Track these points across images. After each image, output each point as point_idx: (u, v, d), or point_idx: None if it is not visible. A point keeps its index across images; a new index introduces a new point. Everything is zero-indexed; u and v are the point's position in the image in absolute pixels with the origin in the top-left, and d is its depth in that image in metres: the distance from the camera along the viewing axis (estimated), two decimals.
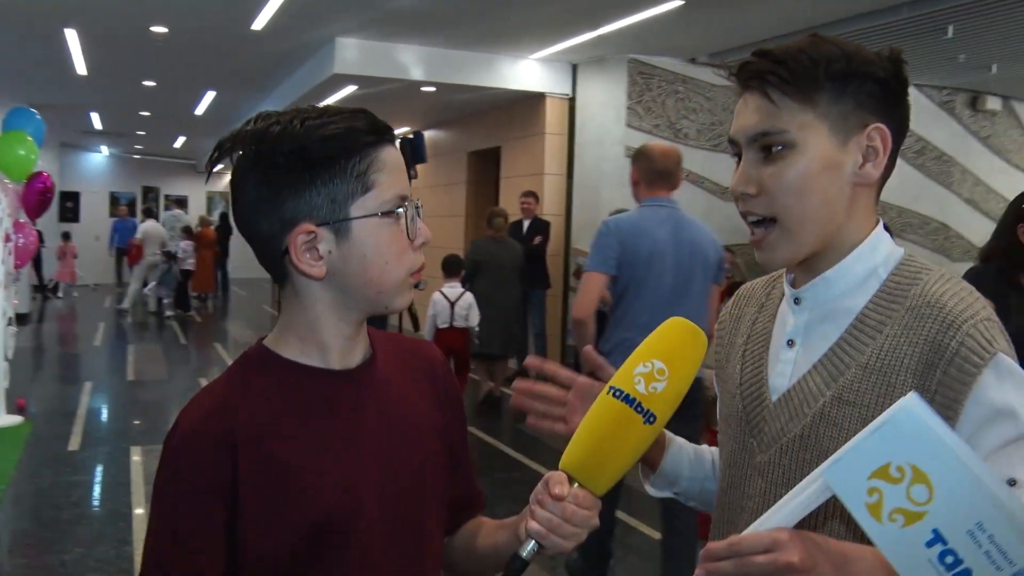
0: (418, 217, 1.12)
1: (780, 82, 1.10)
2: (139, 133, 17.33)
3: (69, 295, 17.03)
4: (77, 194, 20.60)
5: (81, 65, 9.95)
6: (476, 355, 7.45)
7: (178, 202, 17.65)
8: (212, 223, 17.46)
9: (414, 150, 6.44)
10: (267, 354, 1.13)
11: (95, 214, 20.64)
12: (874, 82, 1.11)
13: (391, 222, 1.08)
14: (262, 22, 7.77)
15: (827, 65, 1.10)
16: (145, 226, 14.38)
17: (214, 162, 1.14)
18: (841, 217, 1.14)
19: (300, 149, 1.04)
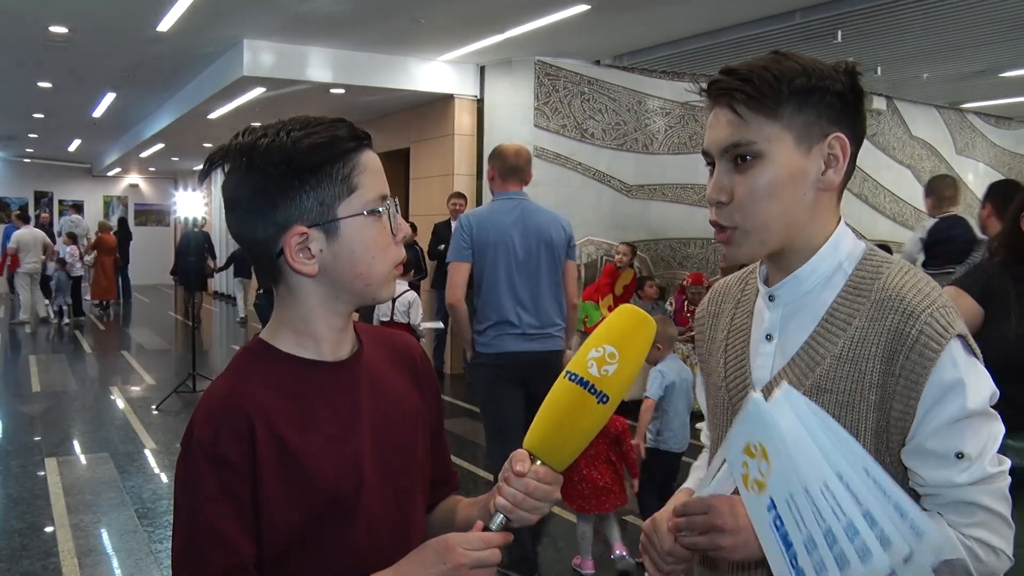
0: (397, 214, 1.23)
1: (747, 98, 1.19)
2: (31, 136, 16.71)
3: None
4: None
5: None
6: None
7: (74, 207, 17.08)
8: (111, 228, 16.99)
9: None
10: (266, 348, 1.23)
11: None
12: (833, 95, 1.20)
13: (375, 220, 1.19)
14: (168, 23, 7.66)
15: (790, 80, 1.19)
16: (20, 233, 13.51)
17: (206, 174, 1.25)
18: (804, 219, 1.24)
19: (288, 159, 1.14)
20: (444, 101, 9.75)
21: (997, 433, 1.18)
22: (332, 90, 9.45)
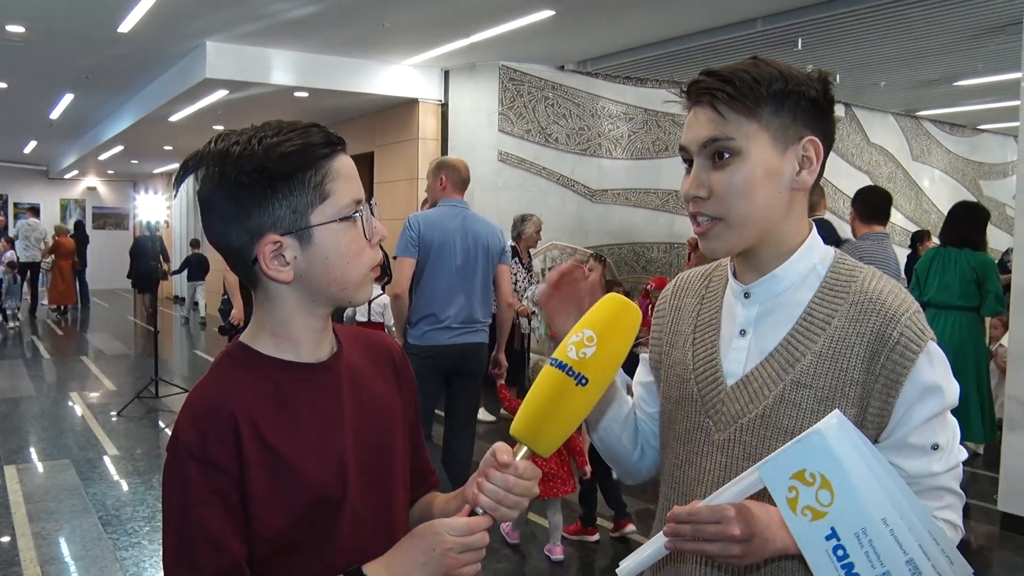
0: (372, 216, 1.25)
1: (728, 97, 1.24)
2: None
3: None
4: None
5: None
6: None
7: (31, 210, 16.78)
8: (68, 232, 16.73)
9: None
10: (246, 351, 1.24)
11: None
12: (807, 100, 1.25)
13: (349, 225, 1.20)
14: (129, 24, 7.59)
15: (768, 84, 1.24)
16: None
17: (180, 180, 1.26)
18: (779, 217, 1.28)
19: (261, 167, 1.15)
20: (408, 105, 9.75)
21: (956, 424, 1.28)
22: (296, 93, 9.41)
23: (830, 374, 1.25)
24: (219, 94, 9.43)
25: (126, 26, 7.63)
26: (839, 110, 11.43)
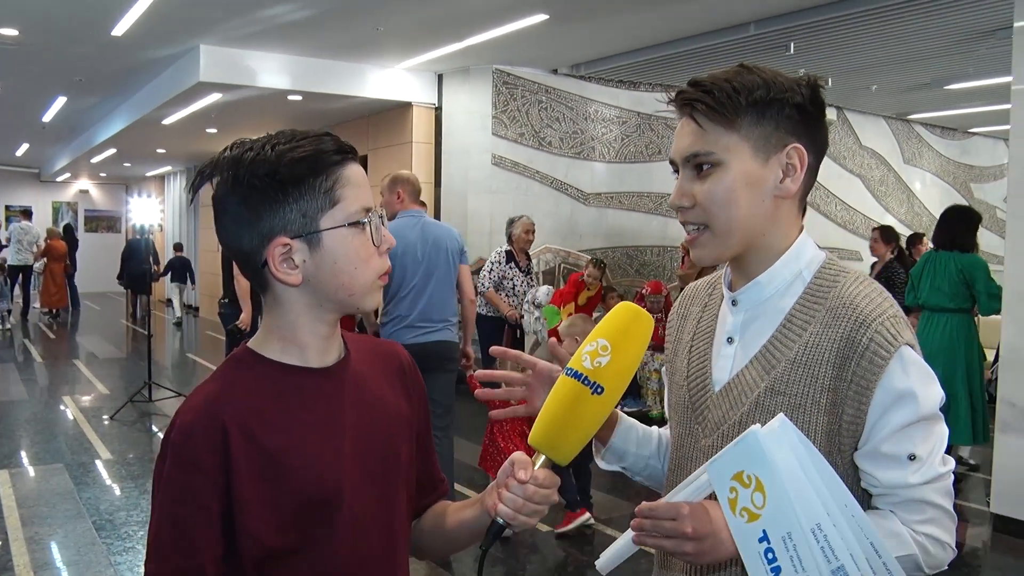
0: (383, 226, 1.26)
1: (707, 109, 1.25)
2: None
3: None
4: None
5: None
6: None
7: (24, 213, 16.72)
8: (60, 235, 16.68)
9: None
10: (252, 355, 1.26)
11: None
12: (792, 107, 1.25)
13: (358, 231, 1.22)
14: (124, 27, 7.57)
15: (748, 93, 1.24)
16: None
17: (196, 187, 1.28)
18: (764, 225, 1.29)
19: (273, 171, 1.18)
20: (402, 109, 9.76)
21: (944, 434, 1.26)
22: (289, 97, 9.41)
23: (803, 381, 1.25)
24: (212, 97, 9.42)
25: (120, 29, 7.62)
26: (831, 113, 11.48)
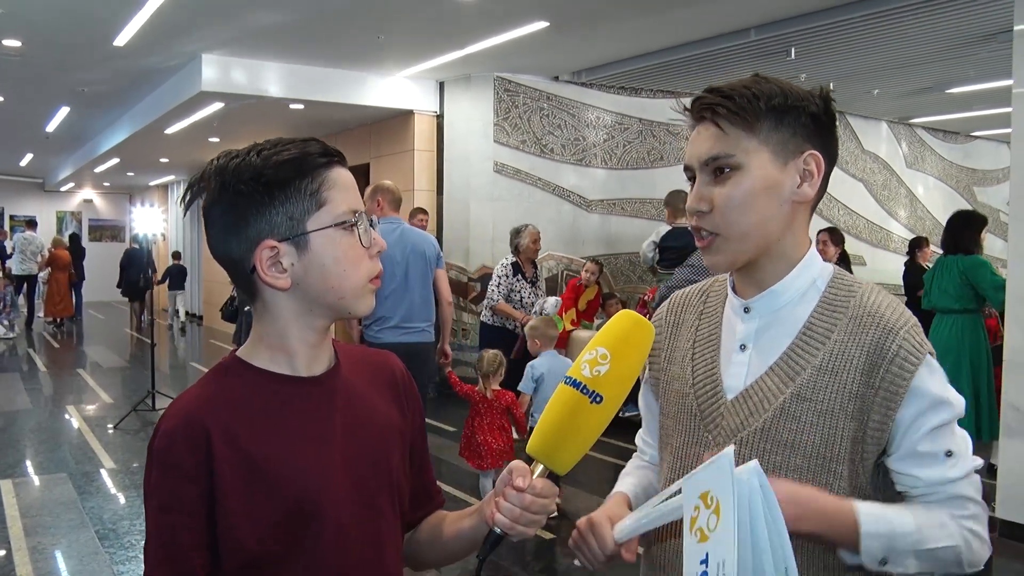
0: (372, 229, 1.26)
1: (728, 113, 1.27)
2: None
3: None
4: None
5: None
6: None
7: (28, 223, 16.76)
8: (65, 244, 16.72)
9: None
10: (239, 363, 1.25)
11: None
12: (808, 115, 1.28)
13: (346, 233, 1.21)
14: (125, 38, 7.59)
15: (767, 99, 1.26)
16: None
17: (188, 203, 1.28)
18: (780, 230, 1.31)
19: (258, 175, 1.17)
20: (404, 117, 9.77)
21: (967, 435, 1.30)
22: (291, 106, 9.42)
23: (830, 387, 1.27)
24: (214, 107, 9.43)
25: (122, 40, 7.64)
26: None
